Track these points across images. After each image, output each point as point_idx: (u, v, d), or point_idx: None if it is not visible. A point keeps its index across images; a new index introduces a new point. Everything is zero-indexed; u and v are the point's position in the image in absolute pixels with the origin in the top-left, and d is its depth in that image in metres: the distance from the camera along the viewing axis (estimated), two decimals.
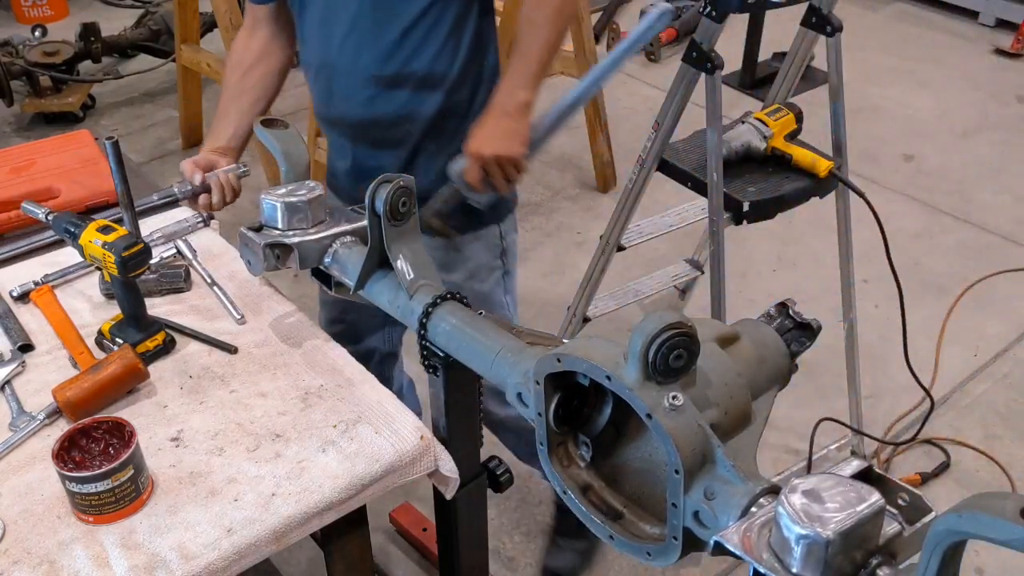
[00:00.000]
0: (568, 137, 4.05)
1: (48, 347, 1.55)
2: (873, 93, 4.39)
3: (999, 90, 4.44)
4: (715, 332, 1.06)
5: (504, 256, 1.88)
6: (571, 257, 3.38)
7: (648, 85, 4.50)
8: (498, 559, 2.34)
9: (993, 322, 3.08)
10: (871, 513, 0.79)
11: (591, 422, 1.08)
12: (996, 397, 2.81)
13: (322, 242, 1.42)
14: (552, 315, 3.04)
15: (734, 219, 2.08)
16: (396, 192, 1.28)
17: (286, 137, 1.54)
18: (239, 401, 1.44)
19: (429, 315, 1.27)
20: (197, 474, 1.32)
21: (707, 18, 1.93)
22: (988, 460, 2.60)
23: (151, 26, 4.50)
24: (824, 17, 2.07)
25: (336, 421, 1.40)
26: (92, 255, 1.46)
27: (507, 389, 1.13)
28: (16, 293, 1.64)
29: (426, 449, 1.38)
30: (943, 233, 3.51)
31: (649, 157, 2.17)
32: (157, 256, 1.69)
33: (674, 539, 0.94)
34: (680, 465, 0.90)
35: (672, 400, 0.91)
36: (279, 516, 1.26)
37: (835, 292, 2.46)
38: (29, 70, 4.01)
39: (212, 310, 1.63)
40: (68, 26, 4.70)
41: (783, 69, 2.30)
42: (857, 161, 3.71)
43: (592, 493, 1.07)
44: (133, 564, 1.19)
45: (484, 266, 1.85)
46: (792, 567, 0.80)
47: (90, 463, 1.24)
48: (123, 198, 1.59)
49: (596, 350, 0.97)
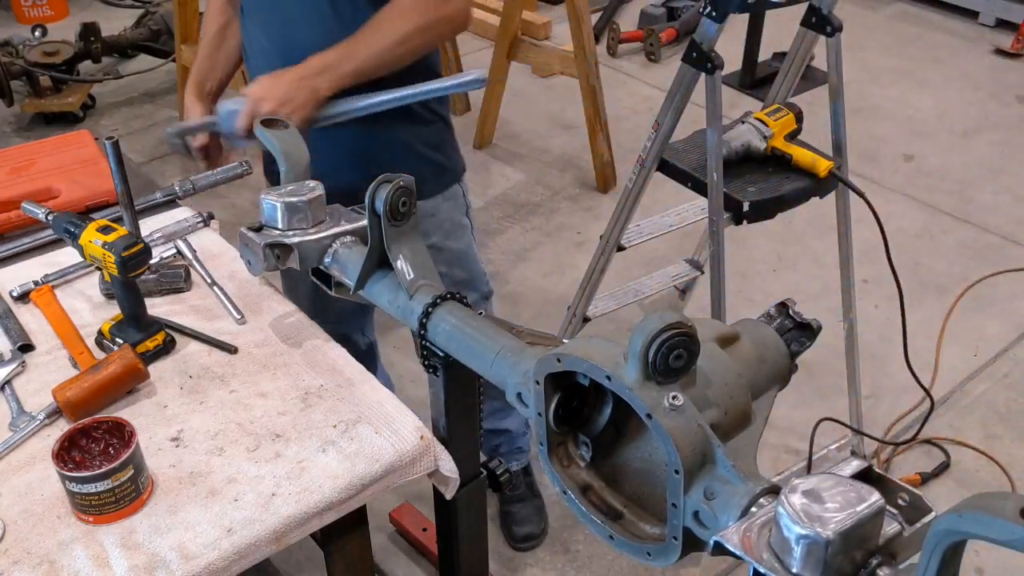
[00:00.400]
0: (568, 137, 4.05)
1: (48, 347, 1.55)
2: (873, 93, 4.39)
3: (999, 90, 4.44)
4: (715, 332, 1.06)
5: (468, 212, 1.97)
6: (571, 257, 3.38)
7: (648, 85, 4.50)
8: (498, 559, 2.35)
9: (993, 322, 3.09)
10: (871, 513, 0.79)
11: (591, 422, 1.08)
12: (996, 397, 2.81)
13: (322, 242, 1.42)
14: (552, 315, 3.04)
15: (734, 219, 2.08)
16: (396, 192, 1.28)
17: (286, 137, 1.53)
18: (239, 401, 1.44)
19: (429, 315, 1.27)
20: (197, 474, 1.32)
21: (707, 18, 1.93)
22: (988, 460, 2.60)
23: (151, 26, 4.50)
24: (824, 17, 2.07)
25: (336, 421, 1.40)
26: (92, 255, 1.46)
27: (507, 389, 1.13)
28: (16, 293, 1.64)
29: (426, 449, 1.38)
30: (943, 233, 3.51)
31: (649, 157, 2.17)
32: (157, 256, 1.69)
33: (674, 539, 0.94)
34: (680, 465, 0.90)
35: (672, 400, 0.91)
36: (279, 516, 1.26)
37: (835, 292, 2.47)
38: (29, 70, 4.01)
39: (212, 310, 1.63)
40: (68, 26, 4.70)
41: (783, 69, 2.30)
42: (857, 161, 3.72)
43: (592, 493, 1.07)
44: (133, 564, 1.19)
45: (457, 224, 1.93)
46: (792, 567, 0.80)
47: (90, 463, 1.24)
48: (123, 198, 1.59)
49: (596, 350, 0.97)
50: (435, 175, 1.84)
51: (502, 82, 3.88)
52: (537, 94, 4.41)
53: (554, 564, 2.35)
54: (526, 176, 3.85)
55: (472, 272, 2.01)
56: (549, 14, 4.91)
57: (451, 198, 1.90)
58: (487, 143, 4.01)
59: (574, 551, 2.37)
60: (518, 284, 3.26)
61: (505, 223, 3.56)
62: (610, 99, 3.84)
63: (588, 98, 3.61)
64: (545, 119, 4.22)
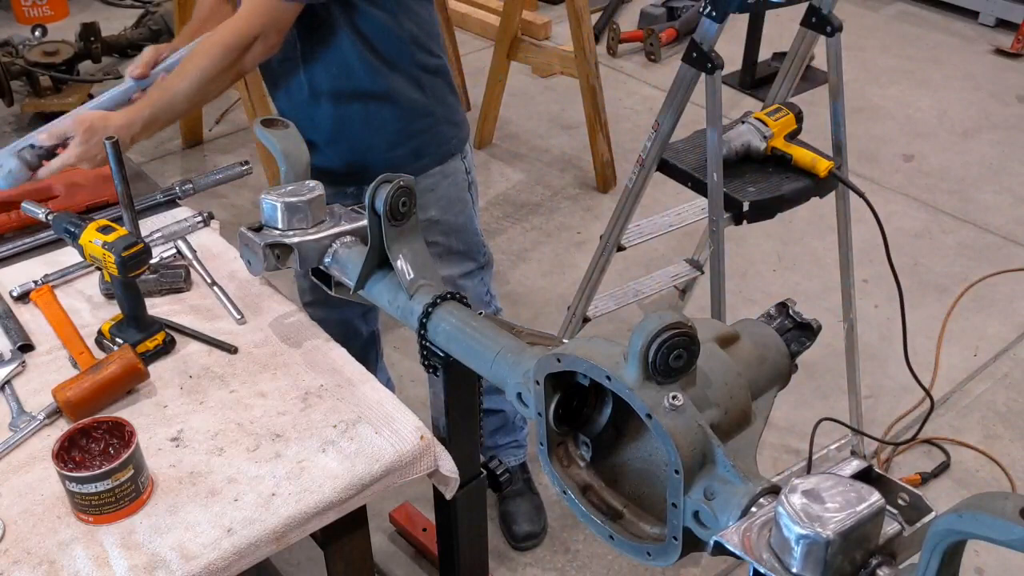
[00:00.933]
0: (568, 137, 4.05)
1: (48, 347, 1.55)
2: (873, 93, 4.39)
3: (999, 90, 4.44)
4: (715, 332, 1.06)
5: (471, 188, 2.00)
6: (571, 257, 3.38)
7: (648, 85, 4.50)
8: (498, 559, 2.35)
9: (993, 322, 3.09)
10: (871, 513, 0.79)
11: (591, 422, 1.08)
12: (996, 397, 2.81)
13: (322, 242, 1.42)
14: (552, 315, 3.04)
15: (734, 219, 2.08)
16: (396, 192, 1.28)
17: (286, 137, 1.53)
18: (239, 401, 1.44)
19: (429, 315, 1.27)
20: (197, 474, 1.32)
21: (707, 18, 1.93)
22: (988, 460, 2.60)
23: (151, 26, 4.49)
24: (824, 17, 2.07)
25: (336, 421, 1.40)
26: (92, 255, 1.46)
27: (507, 389, 1.13)
28: (16, 293, 1.64)
29: (426, 449, 1.38)
30: (943, 233, 3.51)
31: (649, 157, 2.17)
32: (157, 256, 1.69)
33: (674, 539, 0.94)
34: (680, 465, 0.90)
35: (672, 400, 0.91)
36: (279, 516, 1.26)
37: (835, 292, 2.47)
38: (29, 70, 4.01)
39: (212, 310, 1.63)
40: (68, 26, 4.70)
41: (783, 69, 2.30)
42: (857, 161, 3.72)
43: (592, 493, 1.07)
44: (133, 564, 1.19)
45: (456, 199, 1.96)
46: (792, 567, 0.80)
47: (90, 463, 1.24)
48: (123, 198, 1.59)
49: (596, 350, 0.97)
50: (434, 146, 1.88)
51: (502, 82, 3.88)
52: (537, 94, 4.41)
53: (554, 564, 2.35)
54: (526, 176, 3.85)
55: (469, 244, 2.03)
56: (549, 14, 4.91)
57: (451, 174, 1.92)
58: (487, 143, 4.01)
59: (574, 551, 2.37)
60: (518, 284, 3.26)
61: (505, 223, 3.56)
62: (610, 99, 3.84)
63: (588, 98, 3.61)
64: (545, 119, 4.22)
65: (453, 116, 1.91)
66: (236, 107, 4.06)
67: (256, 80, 3.31)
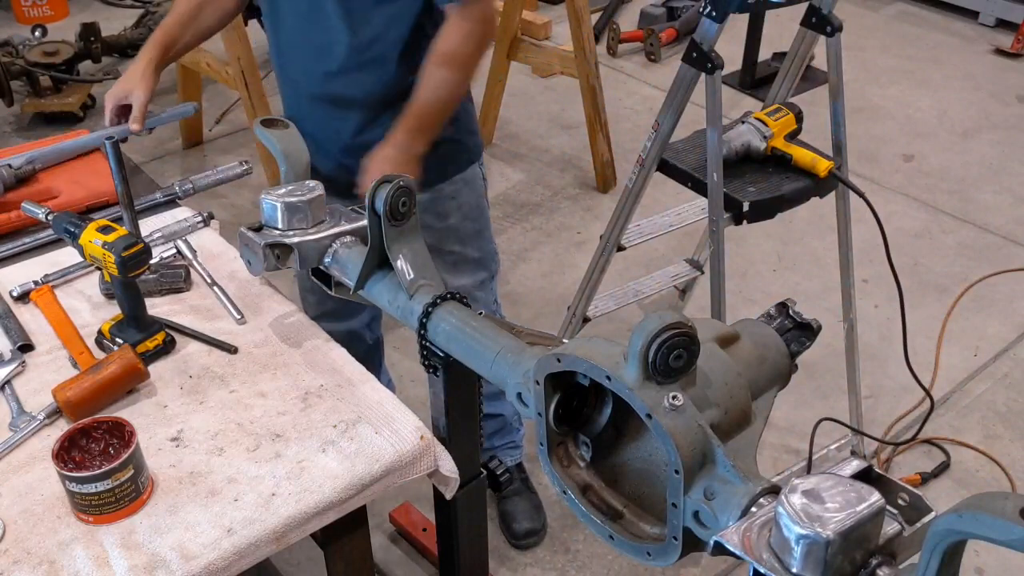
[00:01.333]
0: (568, 137, 4.05)
1: (48, 347, 1.55)
2: (873, 93, 4.39)
3: (999, 90, 4.44)
4: (715, 332, 1.06)
5: (486, 193, 2.03)
6: (571, 257, 3.38)
7: (648, 85, 4.50)
8: (498, 559, 2.35)
9: (993, 322, 3.08)
10: (871, 513, 0.79)
11: (591, 422, 1.08)
12: (996, 397, 2.81)
13: (322, 242, 1.42)
14: (552, 315, 3.04)
15: (734, 219, 2.08)
16: (396, 192, 1.28)
17: (286, 137, 1.54)
18: (239, 401, 1.44)
19: (429, 315, 1.27)
20: (197, 474, 1.32)
21: (707, 18, 1.93)
22: (988, 460, 2.60)
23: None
24: (824, 17, 2.07)
25: (336, 421, 1.40)
26: (92, 255, 1.46)
27: (507, 389, 1.13)
28: (16, 293, 1.64)
29: (426, 449, 1.38)
30: (943, 233, 3.51)
31: (649, 157, 2.17)
32: (157, 256, 1.69)
33: (674, 539, 0.94)
34: (680, 465, 0.90)
35: (672, 400, 0.91)
36: (279, 516, 1.26)
37: (835, 292, 2.46)
38: (29, 70, 4.01)
39: (212, 310, 1.63)
40: (68, 26, 4.70)
41: (783, 69, 2.30)
42: (857, 161, 3.72)
43: (592, 493, 1.07)
44: (133, 564, 1.19)
45: (474, 206, 1.98)
46: (792, 567, 0.80)
47: (90, 463, 1.24)
48: (123, 198, 1.60)
49: (596, 350, 0.97)
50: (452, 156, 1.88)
51: (502, 82, 3.88)
52: (537, 94, 4.41)
53: (554, 564, 2.35)
54: (526, 176, 3.85)
55: (484, 251, 2.04)
56: (549, 14, 4.91)
57: (471, 182, 1.93)
58: (487, 143, 4.01)
59: (574, 551, 2.37)
60: (518, 284, 3.26)
61: (505, 223, 3.56)
62: (610, 99, 3.84)
63: (588, 98, 3.61)
64: (545, 119, 4.22)
65: (472, 124, 1.93)
66: (236, 107, 4.06)
67: (256, 80, 3.31)
